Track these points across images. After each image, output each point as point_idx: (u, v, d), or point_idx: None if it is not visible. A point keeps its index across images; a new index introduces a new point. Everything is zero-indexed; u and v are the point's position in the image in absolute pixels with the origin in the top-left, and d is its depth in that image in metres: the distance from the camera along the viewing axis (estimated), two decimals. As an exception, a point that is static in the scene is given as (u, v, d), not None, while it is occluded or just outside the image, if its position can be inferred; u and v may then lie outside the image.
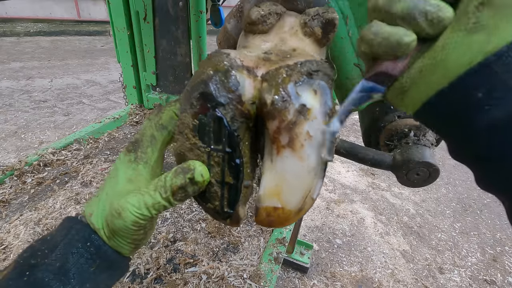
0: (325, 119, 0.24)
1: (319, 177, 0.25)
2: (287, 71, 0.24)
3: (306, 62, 0.25)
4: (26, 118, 2.62)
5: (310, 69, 0.24)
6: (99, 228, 0.29)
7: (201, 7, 1.01)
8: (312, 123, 0.23)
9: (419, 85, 0.20)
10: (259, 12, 0.29)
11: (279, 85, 0.24)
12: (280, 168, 0.24)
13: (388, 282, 1.44)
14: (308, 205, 0.26)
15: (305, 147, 0.23)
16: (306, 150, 0.24)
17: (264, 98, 0.24)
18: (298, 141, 0.23)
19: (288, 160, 0.24)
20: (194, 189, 0.26)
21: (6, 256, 0.63)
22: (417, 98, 0.21)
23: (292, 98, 0.23)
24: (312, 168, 0.24)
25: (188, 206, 0.82)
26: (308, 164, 0.24)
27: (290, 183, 0.24)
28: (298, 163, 0.24)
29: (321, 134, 0.24)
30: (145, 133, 0.30)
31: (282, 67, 0.25)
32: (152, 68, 1.21)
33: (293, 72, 0.24)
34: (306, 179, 0.24)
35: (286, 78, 0.24)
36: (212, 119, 0.25)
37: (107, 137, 1.08)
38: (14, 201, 0.77)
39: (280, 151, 0.24)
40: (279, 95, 0.23)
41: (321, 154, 0.24)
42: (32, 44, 4.89)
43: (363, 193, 2.04)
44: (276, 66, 0.25)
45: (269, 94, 0.24)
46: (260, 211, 0.26)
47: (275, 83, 0.24)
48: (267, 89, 0.24)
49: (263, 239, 0.74)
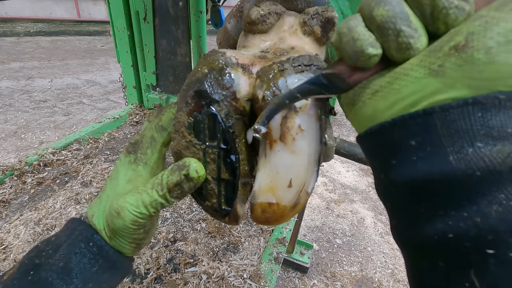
0: (316, 112, 0.24)
1: (312, 171, 0.25)
2: (279, 66, 0.24)
3: (299, 57, 0.25)
4: (26, 118, 2.62)
5: (302, 63, 0.24)
6: (100, 229, 0.29)
7: (201, 7, 1.01)
8: (304, 116, 0.23)
9: (367, 107, 0.19)
10: (259, 11, 0.29)
11: (270, 81, 0.24)
12: (273, 163, 0.24)
13: (388, 282, 1.44)
14: (303, 200, 0.26)
15: (297, 140, 0.23)
16: (298, 144, 0.24)
17: (256, 94, 0.24)
18: (290, 135, 0.23)
19: (280, 155, 0.24)
20: (190, 185, 0.26)
21: (6, 256, 0.63)
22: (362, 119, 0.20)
23: (282, 93, 0.23)
24: (305, 162, 0.24)
25: (188, 206, 0.82)
26: (301, 157, 0.24)
27: (284, 177, 0.24)
28: (291, 157, 0.24)
29: (313, 127, 0.24)
30: (145, 134, 0.30)
31: (275, 63, 0.25)
32: (152, 68, 1.21)
33: (284, 67, 0.24)
34: (299, 173, 0.24)
35: (277, 74, 0.24)
36: (206, 116, 0.25)
37: (107, 137, 1.08)
38: (14, 201, 0.77)
39: (273, 145, 0.24)
40: (270, 90, 0.24)
41: (314, 146, 0.24)
42: (32, 44, 4.89)
43: (363, 193, 2.04)
44: (270, 63, 0.25)
45: (261, 89, 0.24)
46: (255, 207, 0.26)
47: (266, 78, 0.24)
48: (259, 85, 0.24)
49: (263, 239, 0.74)
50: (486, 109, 0.15)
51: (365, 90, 0.19)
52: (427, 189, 0.16)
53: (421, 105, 0.17)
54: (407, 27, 0.17)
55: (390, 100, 0.18)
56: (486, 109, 0.15)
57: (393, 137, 0.18)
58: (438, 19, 0.17)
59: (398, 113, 0.17)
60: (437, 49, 0.16)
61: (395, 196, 0.19)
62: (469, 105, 0.15)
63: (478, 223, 0.15)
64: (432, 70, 0.16)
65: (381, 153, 0.19)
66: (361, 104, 0.20)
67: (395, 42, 0.17)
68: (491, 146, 0.15)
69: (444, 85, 0.16)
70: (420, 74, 0.17)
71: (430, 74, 0.16)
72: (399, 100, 0.17)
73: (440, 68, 0.16)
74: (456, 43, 0.16)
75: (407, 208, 0.18)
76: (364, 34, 0.18)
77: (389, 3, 0.17)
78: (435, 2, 0.16)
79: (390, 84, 0.18)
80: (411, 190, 0.17)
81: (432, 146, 0.16)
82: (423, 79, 0.17)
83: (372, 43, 0.18)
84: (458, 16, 0.16)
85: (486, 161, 0.14)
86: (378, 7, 0.17)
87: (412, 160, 0.17)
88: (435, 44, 0.17)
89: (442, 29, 0.17)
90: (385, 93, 0.18)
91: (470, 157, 0.15)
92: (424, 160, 0.16)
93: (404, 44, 0.17)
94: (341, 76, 0.20)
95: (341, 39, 0.19)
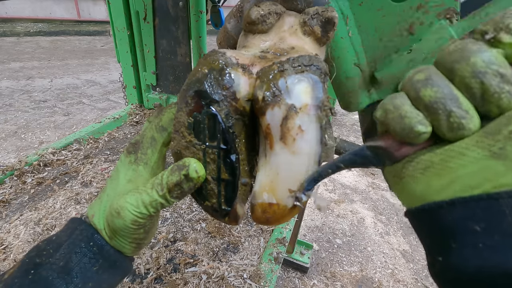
0: (317, 113, 0.24)
1: (313, 171, 0.25)
2: (279, 67, 0.24)
3: (299, 57, 0.25)
4: (26, 118, 2.62)
5: (302, 63, 0.24)
6: (101, 229, 0.29)
7: (201, 7, 1.01)
8: (304, 117, 0.23)
9: (418, 182, 0.19)
10: (259, 11, 0.29)
11: (270, 81, 0.24)
12: (273, 163, 0.25)
13: (388, 282, 1.44)
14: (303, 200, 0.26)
15: (297, 141, 0.23)
16: (298, 144, 0.24)
17: (256, 94, 0.24)
18: (290, 136, 0.23)
19: (281, 155, 0.24)
20: (190, 185, 0.26)
21: (6, 256, 0.63)
22: (412, 194, 0.19)
23: (282, 93, 0.23)
24: (306, 162, 0.24)
25: (188, 206, 0.82)
26: (301, 158, 0.24)
27: (284, 178, 0.24)
28: (291, 157, 0.24)
29: (314, 127, 0.24)
30: (145, 134, 0.30)
31: (275, 63, 0.25)
32: (152, 68, 1.21)
33: (284, 68, 0.24)
34: (300, 174, 0.24)
35: (277, 74, 0.24)
36: (206, 116, 0.25)
37: (107, 137, 1.08)
38: (14, 201, 0.77)
39: (273, 146, 0.24)
40: (270, 91, 0.24)
41: (314, 147, 0.24)
42: (32, 44, 4.89)
43: (363, 193, 2.04)
44: (270, 63, 0.25)
45: (261, 90, 0.24)
46: (256, 207, 0.26)
47: (266, 79, 0.24)
48: (259, 86, 0.24)
49: (263, 239, 0.74)
50: None
51: (415, 165, 0.19)
52: (496, 282, 0.15)
53: (483, 188, 0.16)
54: (458, 108, 0.17)
55: (446, 179, 0.17)
56: None
57: (452, 219, 0.17)
58: (490, 103, 0.16)
59: (456, 194, 0.17)
60: (495, 131, 0.16)
61: (455, 283, 0.17)
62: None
63: None
64: (493, 153, 0.16)
65: (438, 234, 0.18)
66: (410, 179, 0.19)
67: (446, 122, 0.17)
68: None
69: (507, 168, 0.15)
70: (479, 155, 0.16)
71: (491, 156, 0.16)
72: (457, 180, 0.17)
73: (501, 151, 0.15)
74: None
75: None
76: (411, 112, 0.18)
77: (437, 85, 0.17)
78: (485, 87, 0.16)
79: (445, 162, 0.17)
80: (477, 280, 0.16)
81: (501, 235, 0.15)
82: (483, 160, 0.16)
83: (421, 121, 0.18)
84: (510, 101, 0.16)
85: None
86: (425, 88, 0.17)
87: (479, 247, 0.16)
88: (491, 125, 0.16)
89: (495, 112, 0.16)
90: (438, 171, 0.18)
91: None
92: (493, 249, 0.15)
93: (456, 124, 0.17)
94: (388, 149, 0.20)
95: (387, 115, 0.19)
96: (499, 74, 0.16)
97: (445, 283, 0.18)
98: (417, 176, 0.19)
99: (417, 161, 0.19)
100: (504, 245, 0.15)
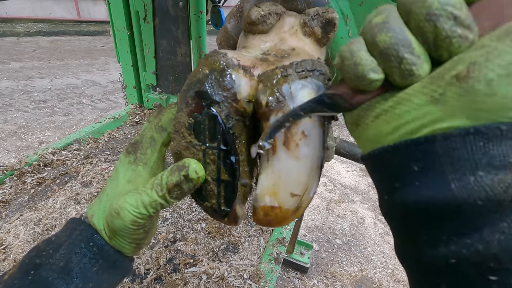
0: (320, 119, 0.24)
1: (315, 176, 0.25)
2: (282, 71, 0.24)
3: (302, 62, 0.25)
4: (26, 118, 2.62)
5: (306, 68, 0.24)
6: (100, 229, 0.29)
7: (201, 7, 1.01)
8: (307, 122, 0.23)
9: (370, 129, 0.19)
10: (259, 12, 0.29)
11: (274, 86, 0.24)
12: (276, 167, 0.25)
13: (388, 282, 1.44)
14: (305, 204, 0.26)
15: (300, 146, 0.24)
16: (301, 150, 0.24)
17: (259, 99, 0.24)
18: (293, 141, 0.24)
19: (284, 160, 0.24)
20: (189, 186, 0.26)
21: (6, 256, 0.63)
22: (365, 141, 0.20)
23: (286, 99, 0.24)
24: (308, 167, 0.24)
25: (188, 206, 0.82)
26: (304, 163, 0.24)
27: (287, 182, 0.24)
28: (294, 162, 0.24)
29: (317, 133, 0.24)
30: (145, 134, 0.30)
31: (277, 68, 0.25)
32: (152, 68, 1.21)
33: (288, 73, 0.24)
34: (302, 178, 0.24)
35: (281, 79, 0.24)
36: (206, 117, 0.25)
37: (107, 137, 1.08)
38: (14, 201, 0.77)
39: (276, 150, 0.24)
40: (274, 96, 0.24)
41: (316, 152, 0.24)
42: (32, 44, 4.89)
43: (363, 193, 2.04)
44: (272, 67, 0.25)
45: (264, 95, 0.24)
46: (258, 210, 0.26)
47: (270, 84, 0.24)
48: (262, 90, 0.24)
49: (263, 239, 0.74)
50: (488, 139, 0.15)
51: (368, 112, 0.19)
52: (429, 214, 0.17)
53: (423, 132, 0.17)
54: (410, 54, 0.17)
55: (392, 125, 0.18)
56: (488, 139, 0.15)
57: (396, 161, 0.18)
58: (441, 47, 0.16)
59: (400, 138, 0.18)
60: (439, 77, 0.16)
61: (399, 219, 0.19)
62: (470, 134, 0.15)
63: (480, 251, 0.15)
64: (433, 98, 0.16)
65: (384, 176, 0.19)
66: (364, 126, 0.20)
67: (398, 69, 0.17)
68: (492, 176, 0.15)
69: (445, 113, 0.16)
70: (422, 101, 0.17)
71: (431, 101, 0.16)
72: (401, 126, 0.18)
73: (441, 96, 0.16)
74: (457, 72, 0.15)
75: (410, 231, 0.18)
76: (366, 59, 0.18)
77: (392, 30, 0.17)
78: (438, 30, 0.16)
79: (393, 108, 0.18)
80: (414, 214, 0.17)
81: (434, 173, 0.16)
82: (424, 106, 0.17)
83: (374, 68, 0.18)
84: (461, 45, 0.16)
85: (488, 190, 0.15)
86: (380, 33, 0.17)
87: (415, 185, 0.17)
88: (437, 71, 0.17)
89: (445, 56, 0.17)
90: (387, 117, 0.18)
91: (472, 186, 0.15)
92: (427, 185, 0.16)
93: (406, 71, 0.17)
94: (343, 97, 0.20)
95: (343, 62, 0.19)
96: (453, 16, 0.15)
97: (391, 220, 0.20)
98: (369, 124, 0.19)
99: (370, 108, 0.19)
100: (435, 181, 0.16)
